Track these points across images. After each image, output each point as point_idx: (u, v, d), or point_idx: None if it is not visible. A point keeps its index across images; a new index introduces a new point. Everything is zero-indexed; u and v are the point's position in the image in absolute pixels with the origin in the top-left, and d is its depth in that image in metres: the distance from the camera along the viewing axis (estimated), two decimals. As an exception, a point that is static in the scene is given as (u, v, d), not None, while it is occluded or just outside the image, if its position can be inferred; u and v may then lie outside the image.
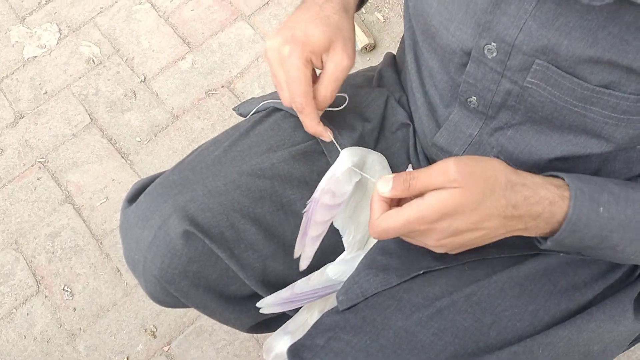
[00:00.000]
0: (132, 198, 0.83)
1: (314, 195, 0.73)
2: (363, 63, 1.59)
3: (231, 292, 0.81)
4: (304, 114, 0.71)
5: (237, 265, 0.77)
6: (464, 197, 0.59)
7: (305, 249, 0.76)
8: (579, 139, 0.68)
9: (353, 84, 0.89)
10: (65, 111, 1.61)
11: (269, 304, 0.79)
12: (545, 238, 0.65)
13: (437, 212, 0.59)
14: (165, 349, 1.29)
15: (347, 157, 0.74)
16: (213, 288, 0.79)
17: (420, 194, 0.61)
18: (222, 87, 1.60)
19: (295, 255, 0.77)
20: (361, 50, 1.58)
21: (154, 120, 1.57)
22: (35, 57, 1.70)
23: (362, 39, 1.54)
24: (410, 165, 0.84)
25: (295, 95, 0.70)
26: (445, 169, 0.59)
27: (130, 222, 0.79)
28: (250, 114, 0.89)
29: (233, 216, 0.77)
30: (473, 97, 0.72)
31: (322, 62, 0.72)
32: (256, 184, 0.79)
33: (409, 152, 0.85)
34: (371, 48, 1.59)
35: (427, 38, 0.73)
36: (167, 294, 0.79)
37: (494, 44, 0.65)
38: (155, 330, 1.31)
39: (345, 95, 0.83)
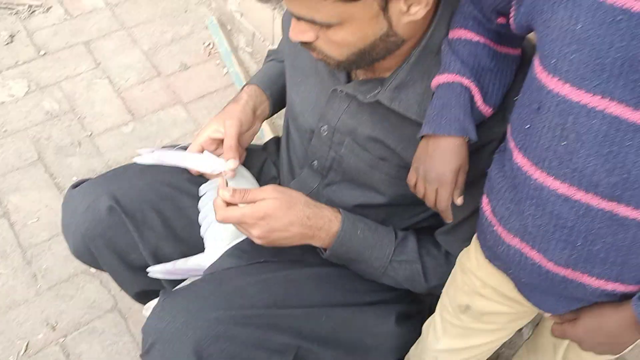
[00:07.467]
0: (76, 186, 1.19)
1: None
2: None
3: (131, 259, 1.16)
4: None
5: (139, 237, 1.13)
6: (277, 204, 0.99)
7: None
8: (369, 193, 1.10)
9: (249, 149, 1.29)
10: (18, 147, 1.95)
11: (155, 271, 1.15)
12: (324, 250, 1.06)
13: (262, 212, 0.98)
14: (61, 340, 1.57)
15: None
16: (119, 252, 1.15)
17: (250, 202, 1.00)
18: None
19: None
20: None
21: (92, 167, 1.93)
22: (3, 102, 2.06)
23: (268, 134, 2.00)
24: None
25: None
26: (268, 188, 1.01)
27: (72, 198, 1.16)
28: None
29: (144, 205, 1.15)
30: (315, 161, 1.15)
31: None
32: (165, 189, 1.18)
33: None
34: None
35: (293, 120, 1.18)
36: (87, 250, 1.14)
37: (326, 126, 1.09)
38: (55, 325, 1.59)
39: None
